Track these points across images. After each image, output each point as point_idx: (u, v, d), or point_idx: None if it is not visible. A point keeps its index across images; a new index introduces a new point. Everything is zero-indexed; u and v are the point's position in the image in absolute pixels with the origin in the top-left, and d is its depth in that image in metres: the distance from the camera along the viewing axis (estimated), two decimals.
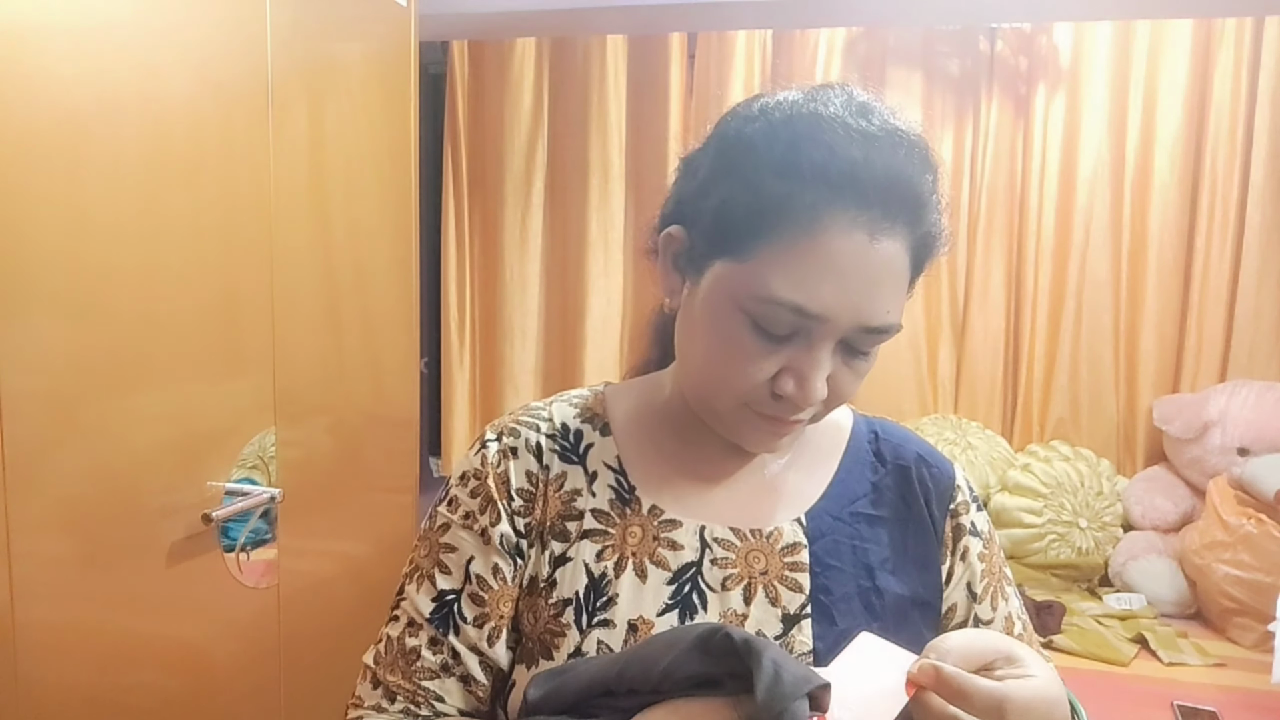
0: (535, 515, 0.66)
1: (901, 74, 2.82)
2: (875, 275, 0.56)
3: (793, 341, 0.58)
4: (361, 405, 1.68)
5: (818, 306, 0.55)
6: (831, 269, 0.55)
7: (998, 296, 2.84)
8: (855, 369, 0.60)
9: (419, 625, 0.66)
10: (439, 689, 0.64)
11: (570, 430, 0.70)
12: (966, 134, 2.82)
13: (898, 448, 0.72)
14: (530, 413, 0.72)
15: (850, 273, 0.55)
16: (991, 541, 0.73)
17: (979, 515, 0.73)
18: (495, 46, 2.95)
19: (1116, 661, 2.13)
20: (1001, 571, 0.72)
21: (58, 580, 1.06)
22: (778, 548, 0.65)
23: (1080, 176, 2.74)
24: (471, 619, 0.65)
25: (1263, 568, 2.16)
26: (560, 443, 0.69)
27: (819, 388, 0.58)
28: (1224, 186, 2.64)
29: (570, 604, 0.63)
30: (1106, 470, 2.70)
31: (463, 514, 0.67)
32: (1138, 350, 2.75)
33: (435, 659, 0.65)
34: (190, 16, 1.21)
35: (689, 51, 2.92)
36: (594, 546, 0.64)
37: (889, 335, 0.59)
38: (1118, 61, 2.69)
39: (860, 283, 0.56)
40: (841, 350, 0.59)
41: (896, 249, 0.57)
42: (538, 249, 3.04)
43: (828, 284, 0.55)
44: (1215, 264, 2.66)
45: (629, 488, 0.67)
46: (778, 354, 0.58)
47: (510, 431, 0.69)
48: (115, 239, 1.11)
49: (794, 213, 0.55)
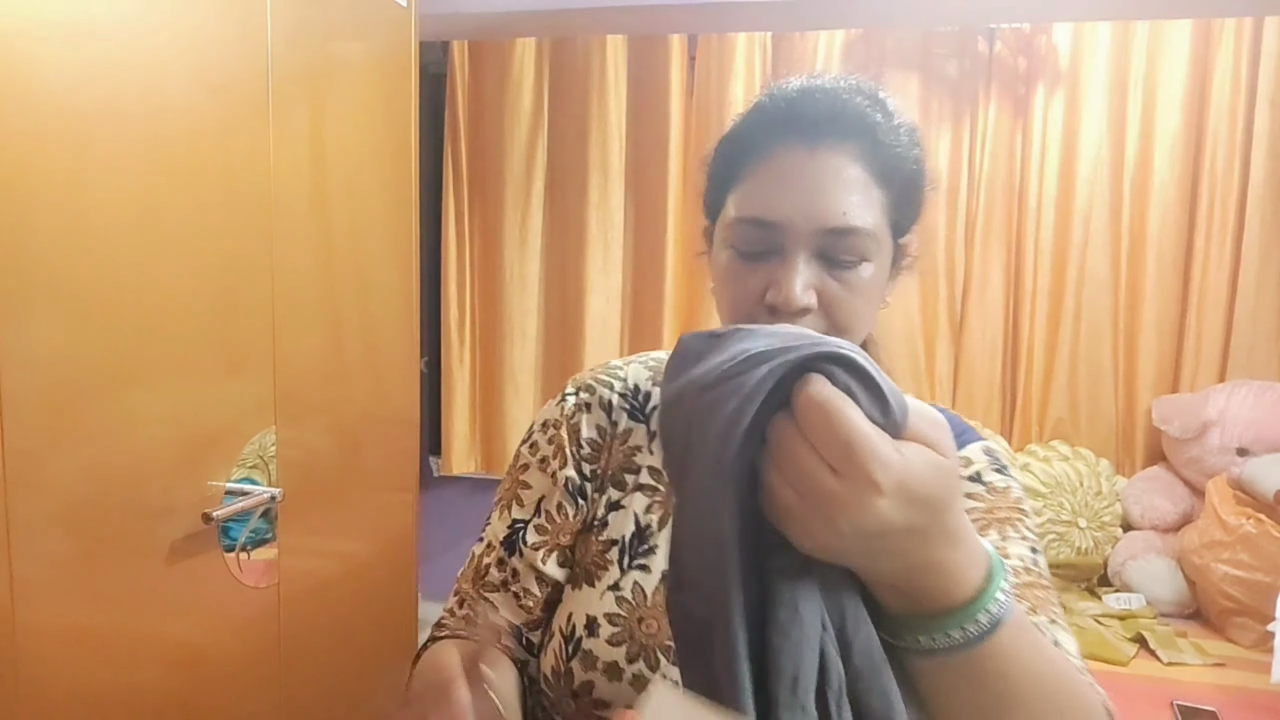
0: (600, 464, 0.76)
1: (900, 75, 2.82)
2: (819, 180, 0.63)
3: (770, 259, 0.65)
4: (362, 405, 1.68)
5: (773, 214, 0.64)
6: (777, 180, 0.64)
7: (996, 296, 2.84)
8: (845, 282, 0.65)
9: (493, 546, 0.77)
10: (495, 599, 0.75)
11: (640, 391, 0.78)
12: (965, 134, 2.82)
13: None
14: (609, 371, 0.80)
15: (794, 180, 0.64)
16: (998, 491, 0.70)
17: (994, 475, 0.71)
18: (495, 47, 2.96)
19: (1116, 661, 2.13)
20: (1007, 518, 0.69)
21: (58, 579, 1.06)
22: None
23: (1079, 177, 2.74)
24: (532, 544, 0.75)
25: (1262, 567, 2.16)
26: (630, 401, 0.77)
27: (798, 292, 0.63)
28: (1223, 186, 2.64)
29: (616, 544, 0.73)
30: (1105, 470, 2.70)
31: (540, 457, 0.78)
32: (1137, 350, 2.76)
33: (499, 576, 0.76)
34: (191, 17, 1.21)
35: (689, 53, 2.93)
36: (645, 499, 0.74)
37: (857, 238, 0.64)
38: (1117, 62, 2.69)
39: (806, 188, 0.63)
40: (821, 262, 0.65)
41: (841, 159, 0.64)
42: (538, 249, 3.04)
43: (777, 194, 0.64)
44: (1214, 264, 2.66)
45: None
46: (760, 271, 0.65)
47: (588, 388, 0.79)
48: (116, 239, 1.12)
49: (746, 153, 0.67)
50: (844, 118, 0.65)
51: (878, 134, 0.66)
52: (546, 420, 0.79)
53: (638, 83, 2.93)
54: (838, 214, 0.63)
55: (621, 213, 2.97)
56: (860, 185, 0.64)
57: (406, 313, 1.84)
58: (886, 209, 0.66)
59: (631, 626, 0.69)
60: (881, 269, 0.67)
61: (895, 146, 0.66)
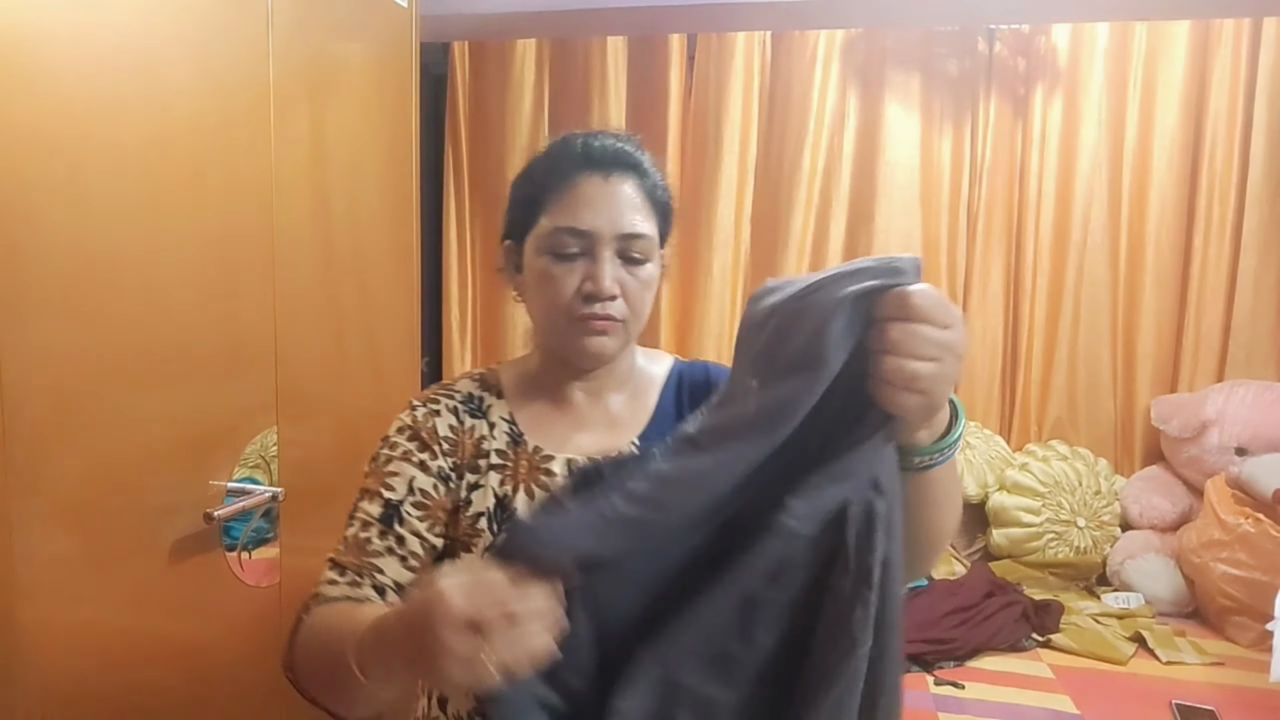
0: (458, 455, 0.90)
1: (900, 75, 2.82)
2: (615, 199, 0.86)
3: (581, 259, 0.85)
4: (363, 404, 1.68)
5: (583, 224, 0.85)
6: (584, 200, 0.86)
7: (996, 296, 2.85)
8: (635, 275, 0.86)
9: (370, 524, 0.86)
10: (380, 564, 0.84)
11: (474, 396, 0.95)
12: (965, 134, 2.82)
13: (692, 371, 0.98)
14: (444, 389, 0.96)
15: (597, 199, 0.85)
16: None
17: None
18: (496, 47, 2.96)
19: (1114, 660, 2.13)
20: None
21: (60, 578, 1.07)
22: None
23: (1078, 177, 2.75)
24: (415, 516, 0.87)
25: (1260, 566, 2.17)
26: (468, 405, 0.94)
27: (608, 282, 0.84)
28: (1222, 187, 2.65)
29: (483, 515, 0.88)
30: (1104, 469, 2.70)
31: (402, 452, 0.90)
32: (1135, 350, 2.76)
33: (382, 543, 0.85)
34: (192, 18, 1.22)
35: (688, 53, 2.93)
36: (497, 476, 0.89)
37: (643, 241, 0.86)
38: (1116, 62, 2.70)
39: (606, 204, 0.85)
40: (622, 260, 0.86)
41: (626, 186, 0.87)
42: None
43: (585, 209, 0.85)
44: (1213, 264, 2.67)
45: (519, 433, 0.92)
46: (575, 269, 0.85)
47: (431, 399, 0.94)
48: (117, 239, 1.12)
49: (554, 181, 0.88)
50: (623, 156, 0.88)
51: (643, 170, 0.89)
52: (400, 427, 0.92)
53: (637, 83, 2.94)
54: (630, 223, 0.85)
55: None
56: (640, 204, 0.87)
57: (407, 313, 1.85)
58: (656, 223, 0.89)
59: None
60: (656, 267, 0.89)
61: (655, 180, 0.90)
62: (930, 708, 1.91)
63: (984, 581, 2.41)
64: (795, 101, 2.87)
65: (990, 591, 2.35)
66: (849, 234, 2.89)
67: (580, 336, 0.86)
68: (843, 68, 2.85)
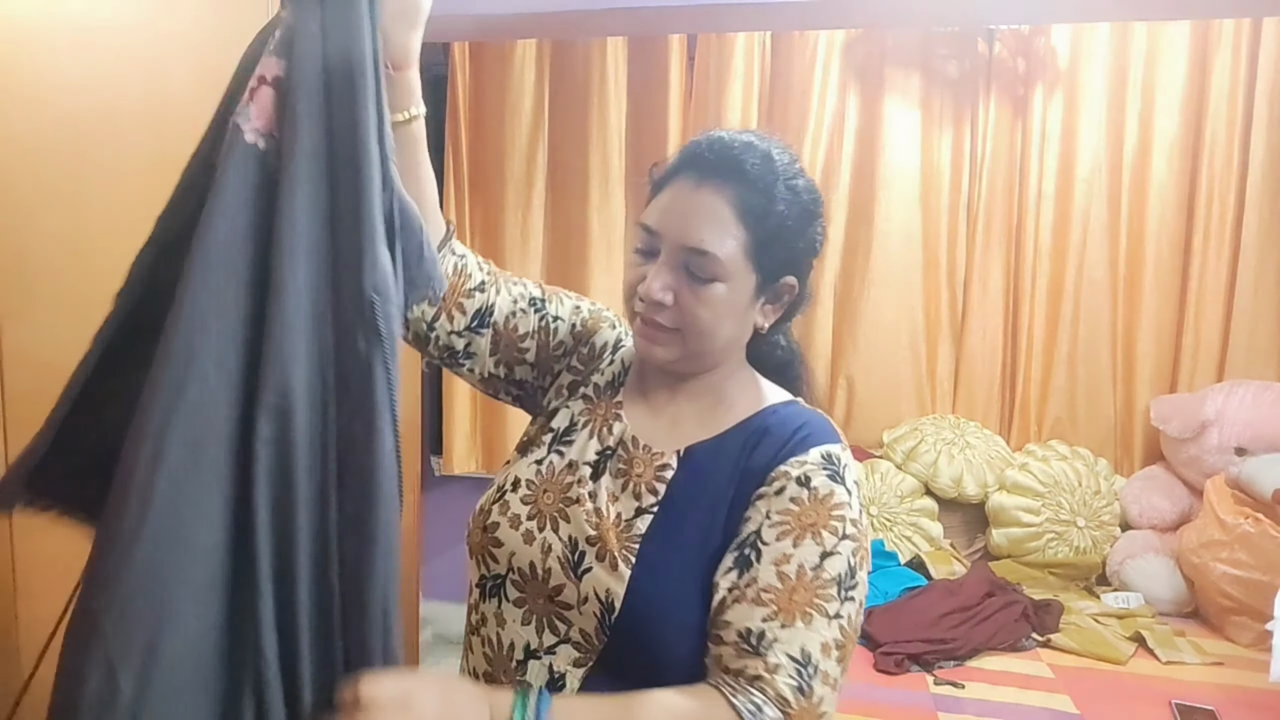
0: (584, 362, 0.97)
1: (900, 75, 2.82)
2: (695, 210, 0.82)
3: (651, 260, 0.84)
4: None
5: (654, 224, 0.84)
6: (668, 201, 0.84)
7: (996, 297, 2.85)
8: (697, 293, 0.82)
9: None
10: None
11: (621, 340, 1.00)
12: (965, 135, 2.83)
13: (769, 426, 0.88)
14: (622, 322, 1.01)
15: (677, 204, 0.83)
16: (819, 497, 0.79)
17: (821, 479, 0.80)
18: (496, 48, 2.96)
19: (1114, 660, 2.13)
20: (813, 523, 0.78)
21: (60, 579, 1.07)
22: (655, 464, 0.86)
23: (1078, 177, 2.75)
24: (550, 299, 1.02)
25: (1260, 566, 2.17)
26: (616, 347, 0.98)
27: (657, 288, 0.82)
28: (1221, 187, 2.65)
29: (552, 432, 0.93)
30: (1104, 469, 2.70)
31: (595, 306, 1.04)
32: (1135, 350, 2.76)
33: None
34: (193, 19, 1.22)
35: (689, 54, 2.93)
36: (581, 405, 0.94)
37: (709, 260, 0.81)
38: (1116, 63, 2.70)
39: (683, 212, 0.83)
40: (683, 272, 0.82)
41: (717, 198, 0.82)
42: (538, 250, 3.04)
43: (664, 211, 0.84)
44: (1213, 264, 2.67)
45: (619, 384, 0.95)
46: (643, 268, 0.84)
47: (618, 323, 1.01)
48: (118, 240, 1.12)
49: (664, 178, 0.87)
50: (728, 165, 0.82)
51: (751, 185, 0.82)
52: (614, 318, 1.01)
53: (637, 84, 2.94)
54: (697, 239, 0.81)
55: (622, 214, 2.97)
56: (723, 221, 0.82)
57: None
58: (747, 246, 0.82)
59: (538, 492, 0.88)
60: (737, 293, 0.83)
61: (766, 199, 0.82)
62: (930, 708, 1.92)
63: (984, 581, 2.41)
64: (795, 102, 2.87)
65: (990, 591, 2.35)
66: (849, 234, 2.90)
67: (636, 333, 0.88)
68: (843, 68, 2.85)
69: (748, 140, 0.85)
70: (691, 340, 0.84)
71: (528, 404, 1.01)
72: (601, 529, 0.82)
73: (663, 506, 0.84)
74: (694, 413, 0.90)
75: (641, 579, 0.79)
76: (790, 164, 0.85)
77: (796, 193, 0.84)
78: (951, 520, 2.75)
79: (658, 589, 0.80)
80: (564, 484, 0.88)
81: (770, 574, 0.76)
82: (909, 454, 2.74)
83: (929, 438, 2.75)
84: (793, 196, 0.84)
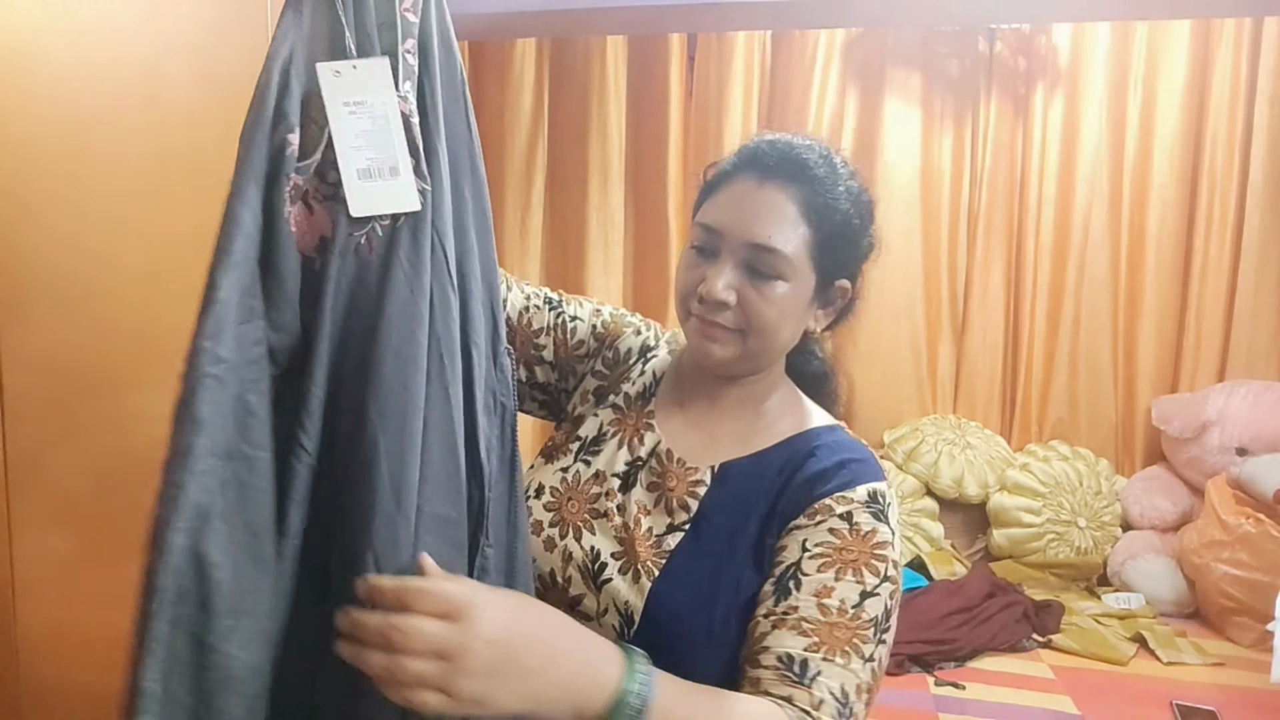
0: (610, 376, 0.96)
1: (901, 74, 2.82)
2: (758, 206, 0.80)
3: (711, 258, 0.81)
4: None
5: (715, 222, 0.81)
6: (728, 199, 0.82)
7: (997, 296, 2.84)
8: (761, 291, 0.80)
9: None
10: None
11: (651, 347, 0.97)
12: (965, 134, 2.82)
13: (814, 451, 0.85)
14: (657, 332, 0.99)
15: (740, 202, 0.81)
16: (861, 534, 0.78)
17: (864, 517, 0.78)
18: (496, 47, 2.96)
19: (1115, 661, 2.13)
20: (854, 560, 0.77)
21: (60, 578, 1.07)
22: (689, 479, 0.85)
23: (1079, 176, 2.74)
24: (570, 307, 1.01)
25: (1261, 567, 2.17)
26: (644, 354, 0.96)
27: (720, 287, 0.79)
28: (1222, 186, 2.65)
29: (580, 441, 0.92)
30: (1105, 470, 2.70)
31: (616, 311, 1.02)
32: (1136, 350, 2.76)
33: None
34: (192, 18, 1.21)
35: (689, 53, 2.93)
36: (611, 415, 0.92)
37: (775, 258, 0.79)
38: (1117, 62, 2.70)
39: (746, 209, 0.80)
40: (746, 271, 0.80)
41: (781, 196, 0.80)
42: (538, 249, 3.04)
43: (725, 208, 0.82)
44: (1214, 264, 2.67)
45: (650, 394, 0.93)
46: (702, 267, 0.82)
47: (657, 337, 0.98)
48: (117, 240, 1.12)
49: (721, 177, 0.85)
50: (791, 164, 0.81)
51: (815, 185, 0.81)
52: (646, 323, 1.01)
53: (637, 83, 2.94)
54: (763, 235, 0.79)
55: (621, 213, 2.97)
56: (788, 219, 0.80)
57: None
58: (810, 245, 0.81)
59: (561, 500, 0.88)
60: (798, 292, 0.82)
61: (829, 199, 0.81)
62: (930, 708, 1.91)
63: (985, 582, 2.41)
64: (795, 101, 2.87)
65: (991, 592, 2.35)
66: None
67: (692, 334, 0.85)
68: (843, 68, 2.85)
69: (807, 142, 0.84)
70: (752, 339, 0.82)
71: (552, 410, 0.99)
72: (630, 542, 0.82)
73: (694, 523, 0.83)
74: (732, 428, 0.88)
75: (661, 594, 0.79)
76: (846, 167, 0.85)
77: (856, 195, 0.84)
78: (952, 521, 2.75)
79: (676, 605, 0.79)
80: (590, 494, 0.87)
81: (811, 605, 0.75)
82: (910, 454, 2.74)
83: (930, 438, 2.74)
84: (853, 199, 0.84)
